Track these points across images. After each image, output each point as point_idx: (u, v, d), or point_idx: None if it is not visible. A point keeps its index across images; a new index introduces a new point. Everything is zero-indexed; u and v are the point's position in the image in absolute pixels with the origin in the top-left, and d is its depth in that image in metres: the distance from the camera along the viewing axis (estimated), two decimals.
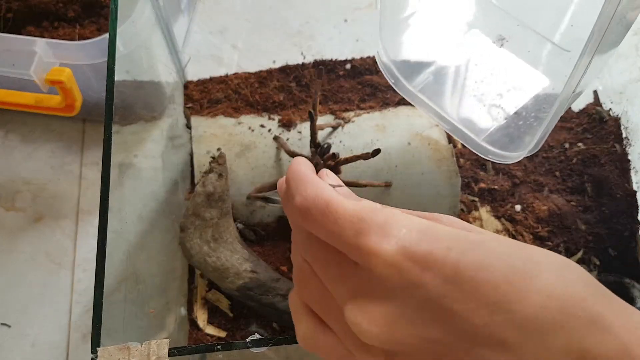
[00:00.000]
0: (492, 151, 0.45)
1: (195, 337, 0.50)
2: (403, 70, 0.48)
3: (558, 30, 0.46)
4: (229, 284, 0.47)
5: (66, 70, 0.50)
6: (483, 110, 0.47)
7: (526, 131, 0.43)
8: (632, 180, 0.55)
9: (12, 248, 0.57)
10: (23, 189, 0.59)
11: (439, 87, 0.48)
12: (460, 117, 0.46)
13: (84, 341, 0.54)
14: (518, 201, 0.54)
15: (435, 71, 0.50)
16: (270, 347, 0.32)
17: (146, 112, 0.52)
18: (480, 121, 0.46)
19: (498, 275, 0.21)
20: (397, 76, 0.48)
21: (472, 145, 0.45)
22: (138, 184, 0.48)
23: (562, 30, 0.46)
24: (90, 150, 0.61)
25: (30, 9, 0.58)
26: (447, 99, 0.46)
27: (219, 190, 0.48)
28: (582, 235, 0.53)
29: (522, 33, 0.47)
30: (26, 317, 0.54)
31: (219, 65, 0.64)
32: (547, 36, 0.48)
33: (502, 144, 0.46)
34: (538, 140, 0.39)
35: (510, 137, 0.46)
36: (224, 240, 0.48)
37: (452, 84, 0.49)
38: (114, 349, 0.32)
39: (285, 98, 0.58)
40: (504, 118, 0.46)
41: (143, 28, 0.47)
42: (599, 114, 0.59)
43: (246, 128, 0.54)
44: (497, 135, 0.46)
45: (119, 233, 0.40)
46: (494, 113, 0.47)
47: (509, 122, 0.46)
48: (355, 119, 0.53)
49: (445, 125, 0.46)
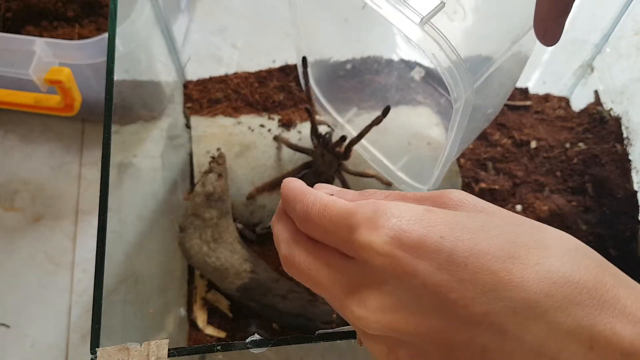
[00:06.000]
0: (405, 180, 0.47)
1: (195, 337, 0.49)
2: (336, 107, 0.50)
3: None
4: (229, 284, 0.47)
5: (65, 70, 0.50)
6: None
7: (431, 166, 0.44)
8: (632, 180, 0.55)
9: (11, 248, 0.57)
10: (22, 189, 0.59)
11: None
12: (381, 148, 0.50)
13: (83, 342, 0.54)
14: (519, 201, 0.54)
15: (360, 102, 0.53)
16: (270, 347, 0.32)
17: (146, 111, 0.52)
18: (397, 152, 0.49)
19: (495, 262, 0.21)
20: (329, 112, 0.50)
21: (388, 173, 0.49)
22: (137, 184, 0.48)
23: None
24: (89, 150, 0.61)
25: (29, 9, 0.58)
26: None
27: (218, 190, 0.48)
28: (582, 236, 0.53)
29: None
30: (25, 317, 0.54)
31: (218, 64, 0.63)
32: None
33: (412, 175, 0.49)
34: (435, 179, 0.41)
35: (420, 170, 0.48)
36: (223, 240, 0.48)
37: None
38: (114, 349, 0.31)
39: (285, 98, 0.58)
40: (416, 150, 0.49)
41: (142, 28, 0.47)
42: (599, 114, 0.58)
43: (246, 128, 0.53)
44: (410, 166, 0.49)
45: (119, 233, 0.39)
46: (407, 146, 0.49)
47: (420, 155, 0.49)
48: (355, 118, 0.53)
49: (366, 155, 0.50)
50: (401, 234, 0.22)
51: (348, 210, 0.23)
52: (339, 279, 0.24)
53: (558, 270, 0.21)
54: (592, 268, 0.22)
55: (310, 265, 0.25)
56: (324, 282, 0.24)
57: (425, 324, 0.22)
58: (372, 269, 0.23)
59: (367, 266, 0.23)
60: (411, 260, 0.21)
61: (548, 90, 0.62)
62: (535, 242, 0.22)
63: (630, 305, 0.21)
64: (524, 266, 0.21)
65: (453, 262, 0.21)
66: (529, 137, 0.57)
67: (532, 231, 0.23)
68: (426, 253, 0.21)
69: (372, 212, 0.23)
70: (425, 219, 0.22)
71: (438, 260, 0.21)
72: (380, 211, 0.23)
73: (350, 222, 0.23)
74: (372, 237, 0.22)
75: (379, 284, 0.23)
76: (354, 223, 0.23)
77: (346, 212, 0.23)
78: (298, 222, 0.26)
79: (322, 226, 0.24)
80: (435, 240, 0.22)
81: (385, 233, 0.22)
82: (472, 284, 0.21)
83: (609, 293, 0.21)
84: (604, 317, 0.21)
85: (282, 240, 0.26)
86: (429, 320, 0.22)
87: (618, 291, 0.21)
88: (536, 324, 0.21)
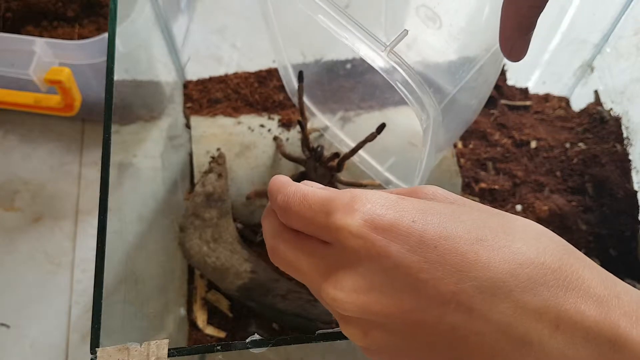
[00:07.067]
0: (393, 181, 0.48)
1: (195, 337, 0.49)
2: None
3: None
4: (229, 284, 0.47)
5: (65, 70, 0.50)
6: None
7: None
8: (633, 180, 0.55)
9: (11, 248, 0.57)
10: (22, 189, 0.59)
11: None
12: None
13: (83, 342, 0.54)
14: (519, 201, 0.54)
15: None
16: (270, 347, 0.32)
17: (145, 111, 0.52)
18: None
19: (463, 244, 0.22)
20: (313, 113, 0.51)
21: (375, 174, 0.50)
22: (137, 184, 0.48)
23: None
24: (89, 150, 0.61)
25: (29, 9, 0.58)
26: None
27: (218, 190, 0.48)
28: (582, 236, 0.53)
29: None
30: (25, 317, 0.54)
31: (218, 64, 0.63)
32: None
33: (399, 176, 0.50)
34: (419, 182, 0.42)
35: (406, 171, 0.49)
36: (223, 240, 0.48)
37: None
38: (113, 349, 0.31)
39: (285, 98, 0.57)
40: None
41: (142, 27, 0.47)
42: (599, 114, 0.58)
43: (246, 128, 0.53)
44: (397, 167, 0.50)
45: (119, 233, 0.39)
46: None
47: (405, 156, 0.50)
48: (355, 118, 0.53)
49: (355, 157, 0.50)
50: (375, 217, 0.23)
51: (326, 197, 0.25)
52: (317, 264, 0.25)
53: (524, 252, 0.22)
54: (557, 252, 0.23)
55: (292, 254, 0.26)
56: (304, 268, 0.26)
57: (397, 305, 0.23)
58: (348, 251, 0.24)
59: (342, 249, 0.24)
60: (384, 242, 0.23)
61: (548, 90, 0.62)
62: (503, 228, 0.23)
63: (595, 287, 0.22)
64: (491, 248, 0.22)
65: (423, 244, 0.22)
66: (529, 137, 0.57)
67: (501, 220, 0.24)
68: (398, 236, 0.23)
69: (349, 198, 0.24)
70: (399, 204, 0.24)
71: (409, 243, 0.22)
72: (357, 197, 0.24)
73: (328, 208, 0.24)
74: (348, 220, 0.23)
75: (353, 265, 0.24)
76: (331, 209, 0.24)
77: (324, 199, 0.25)
78: (279, 213, 0.27)
79: (302, 214, 0.25)
80: (407, 223, 0.23)
81: (360, 216, 0.23)
82: (442, 265, 0.22)
83: (574, 274, 0.22)
84: (569, 297, 0.22)
85: (268, 234, 0.28)
86: (401, 301, 0.23)
87: (583, 273, 0.22)
88: (502, 303, 0.22)
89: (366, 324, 0.24)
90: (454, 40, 0.35)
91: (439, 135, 0.34)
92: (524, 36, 0.29)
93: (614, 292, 0.22)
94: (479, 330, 0.22)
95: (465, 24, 0.36)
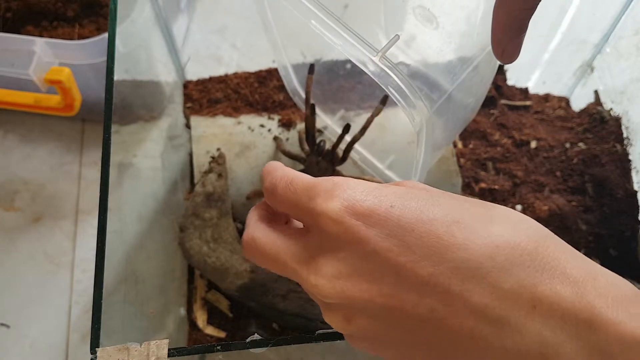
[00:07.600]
0: (393, 179, 0.49)
1: (195, 337, 0.49)
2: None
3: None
4: (229, 284, 0.47)
5: (65, 70, 0.50)
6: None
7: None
8: (632, 180, 0.55)
9: (11, 248, 0.57)
10: (22, 189, 0.59)
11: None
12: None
13: (83, 342, 0.54)
14: (519, 201, 0.54)
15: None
16: (270, 347, 0.32)
17: (145, 111, 0.52)
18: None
19: (440, 227, 0.22)
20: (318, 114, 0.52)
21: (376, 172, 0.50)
22: (137, 184, 0.48)
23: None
24: (89, 150, 0.61)
25: (29, 9, 0.58)
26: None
27: (218, 190, 0.48)
28: (582, 236, 0.53)
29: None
30: (25, 317, 0.54)
31: (218, 64, 0.63)
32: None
33: (400, 174, 0.50)
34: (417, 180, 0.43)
35: (407, 168, 0.49)
36: (223, 240, 0.48)
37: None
38: (113, 349, 0.31)
39: (285, 98, 0.57)
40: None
41: (142, 27, 0.47)
42: (599, 114, 0.58)
43: (246, 128, 0.53)
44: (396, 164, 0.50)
45: (119, 233, 0.39)
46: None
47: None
48: (355, 118, 0.53)
49: (355, 155, 0.51)
50: (354, 203, 0.23)
51: (310, 183, 0.25)
52: (297, 252, 0.26)
53: (501, 235, 0.22)
54: (534, 235, 0.23)
55: (269, 241, 0.27)
56: (282, 257, 0.26)
57: (377, 289, 0.23)
58: (328, 237, 0.24)
59: (323, 234, 0.24)
60: (363, 227, 0.23)
61: (548, 90, 0.62)
62: (481, 213, 0.24)
63: (571, 268, 0.22)
64: (468, 230, 0.22)
65: (401, 228, 0.23)
66: (529, 137, 0.57)
67: (480, 207, 0.24)
68: (377, 220, 0.23)
69: (331, 185, 0.25)
70: (378, 191, 0.24)
71: (388, 227, 0.23)
72: (338, 184, 0.24)
73: (310, 194, 0.25)
74: (328, 205, 0.24)
75: (334, 251, 0.24)
76: (313, 194, 0.25)
77: (308, 184, 0.25)
78: (267, 195, 0.28)
79: (286, 197, 0.26)
80: (386, 208, 0.23)
81: (340, 202, 0.24)
82: (419, 248, 0.22)
83: (550, 256, 0.22)
84: (545, 278, 0.22)
85: (248, 224, 0.28)
86: (381, 285, 0.23)
87: (559, 255, 0.22)
88: (479, 284, 0.22)
89: (349, 311, 0.24)
90: (451, 39, 0.35)
91: (435, 134, 0.34)
92: (516, 38, 0.29)
93: (591, 274, 0.22)
94: (457, 312, 0.22)
95: (461, 24, 0.36)
